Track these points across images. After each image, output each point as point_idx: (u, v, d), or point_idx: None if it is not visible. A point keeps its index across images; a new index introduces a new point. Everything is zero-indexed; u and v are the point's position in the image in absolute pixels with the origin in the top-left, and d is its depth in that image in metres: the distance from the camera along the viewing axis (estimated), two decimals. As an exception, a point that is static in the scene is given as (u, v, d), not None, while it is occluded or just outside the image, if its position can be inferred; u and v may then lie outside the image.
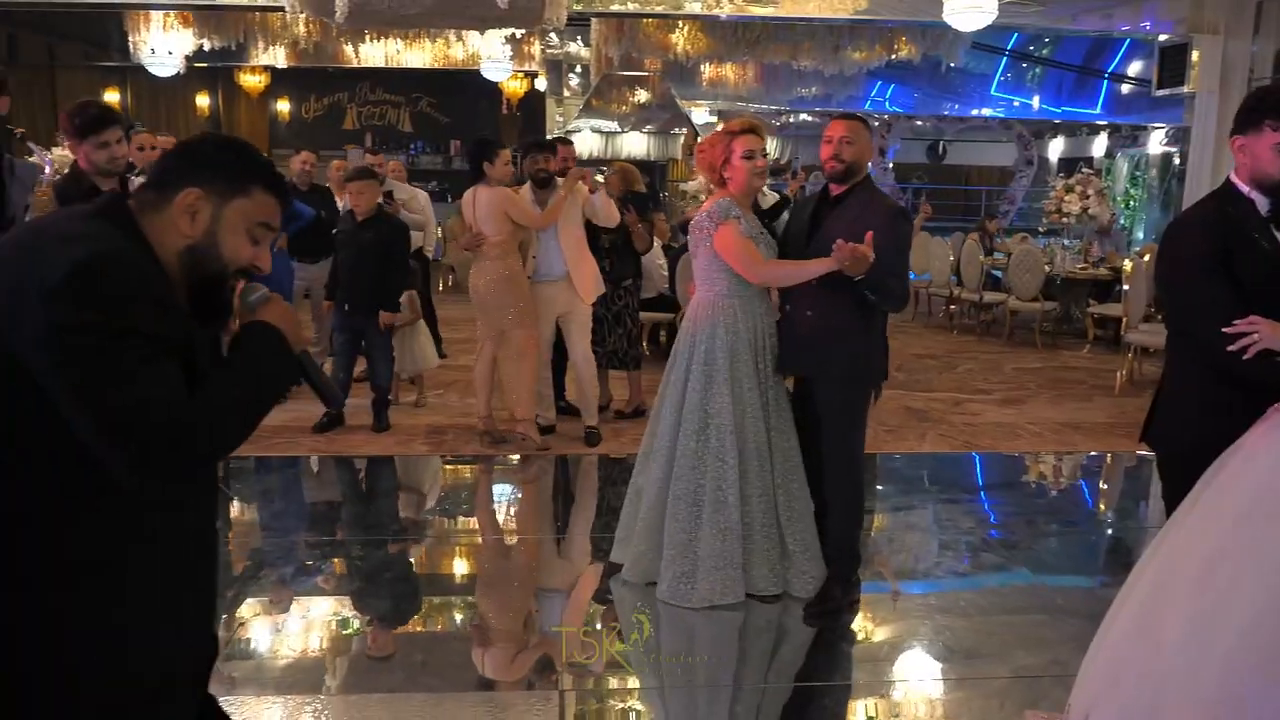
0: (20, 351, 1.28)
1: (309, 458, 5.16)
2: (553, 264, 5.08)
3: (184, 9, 10.96)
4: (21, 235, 1.47)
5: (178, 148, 1.54)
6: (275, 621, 3.37)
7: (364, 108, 16.94)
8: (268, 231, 1.52)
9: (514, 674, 3.08)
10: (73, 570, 1.35)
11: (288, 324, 1.53)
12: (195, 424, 1.34)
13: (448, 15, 6.50)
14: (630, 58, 13.10)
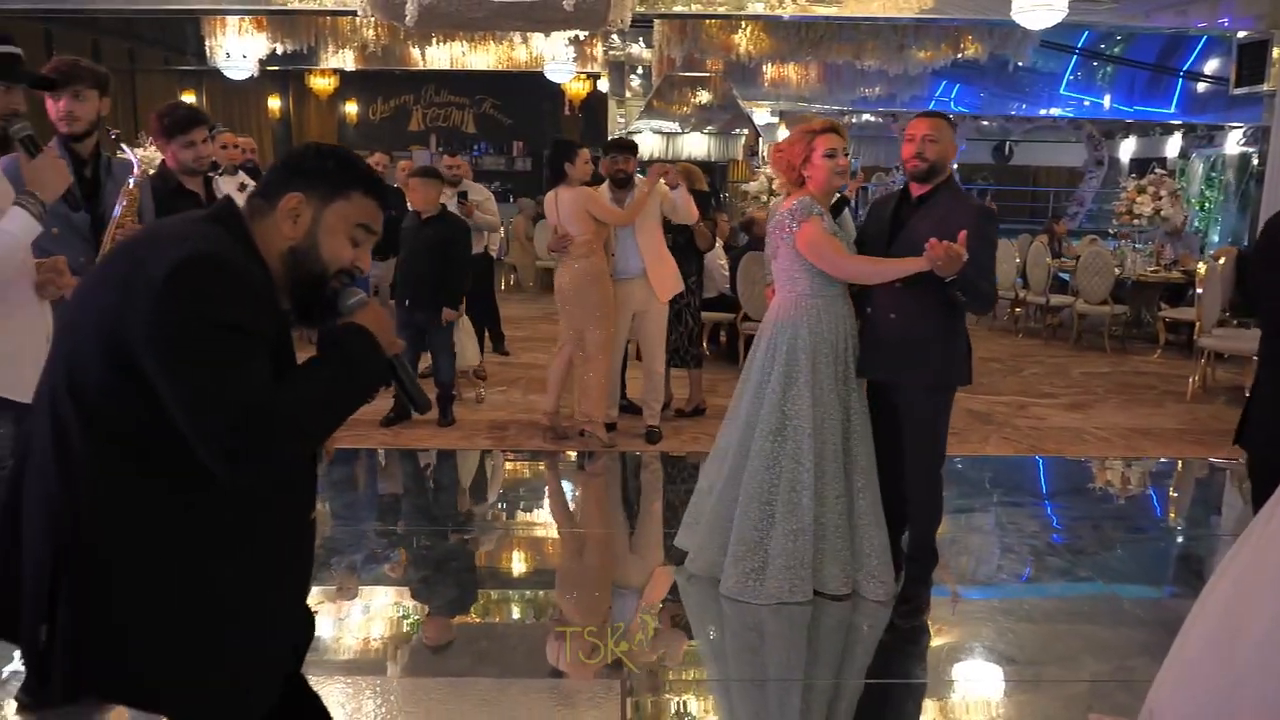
0: (131, 343, 1.37)
1: (377, 451, 5.29)
2: (630, 262, 5.15)
3: (258, 14, 11.28)
4: (141, 235, 1.59)
5: (283, 157, 1.62)
6: (343, 606, 3.47)
7: (429, 109, 17.23)
8: (368, 234, 1.59)
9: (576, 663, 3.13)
10: (185, 542, 1.44)
11: (382, 328, 1.58)
12: (281, 418, 1.41)
13: (514, 18, 6.58)
14: (692, 58, 13.14)
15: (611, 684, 2.89)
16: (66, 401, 1.43)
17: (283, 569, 1.59)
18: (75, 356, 1.43)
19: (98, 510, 1.42)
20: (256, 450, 1.40)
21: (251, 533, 1.50)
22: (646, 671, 3.03)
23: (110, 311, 1.40)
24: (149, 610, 1.43)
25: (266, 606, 1.55)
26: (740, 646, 3.23)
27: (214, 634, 1.47)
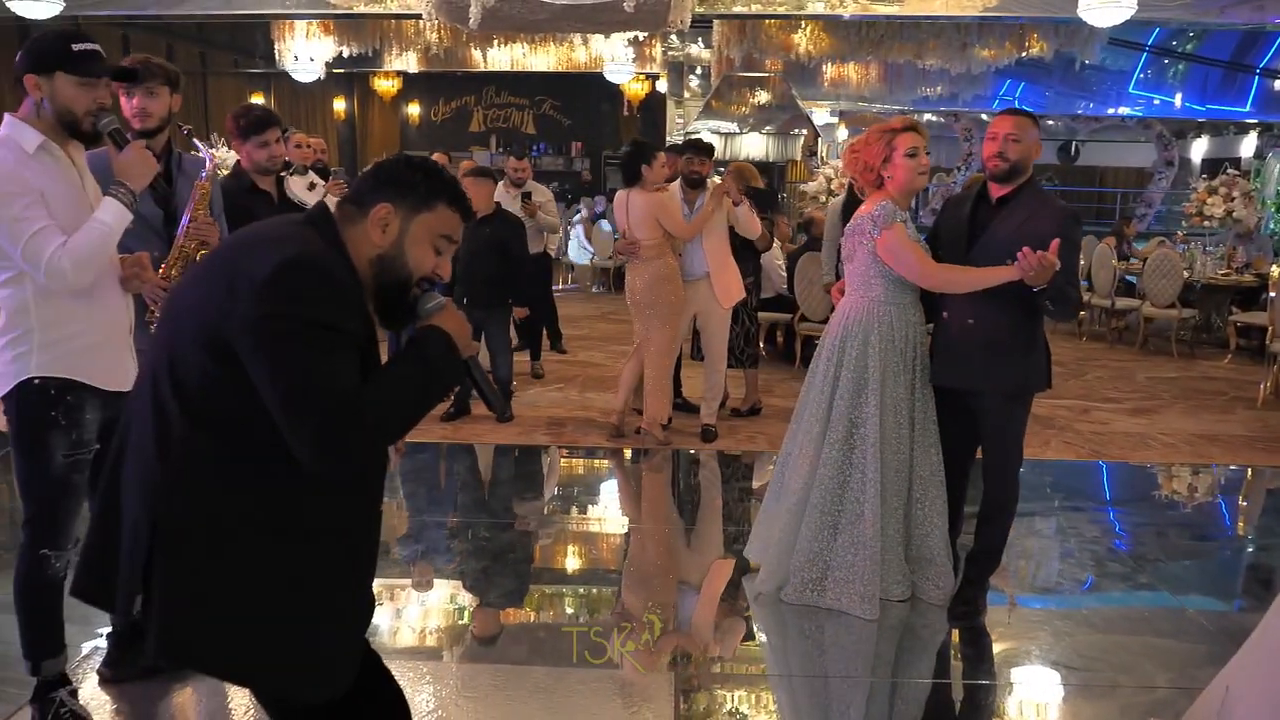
0: (231, 336, 1.47)
1: (438, 445, 5.39)
2: (695, 264, 5.20)
3: (325, 18, 11.53)
4: (241, 236, 1.68)
5: (374, 168, 1.71)
6: (404, 594, 3.56)
7: (489, 110, 17.44)
8: (450, 243, 1.68)
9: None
10: (267, 522, 1.54)
11: (459, 331, 1.67)
12: (362, 412, 1.50)
13: (575, 19, 6.66)
14: (751, 59, 13.10)
15: (665, 678, 2.94)
16: (167, 387, 1.53)
17: (355, 554, 1.67)
18: (176, 346, 1.54)
19: (190, 489, 1.52)
20: (340, 442, 1.49)
21: (328, 519, 1.59)
22: (701, 667, 3.07)
23: (212, 306, 1.50)
24: (233, 585, 1.52)
25: (342, 588, 1.63)
26: (798, 646, 3.23)
27: (294, 611, 1.56)
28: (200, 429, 1.51)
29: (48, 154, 2.33)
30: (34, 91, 2.31)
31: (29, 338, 2.33)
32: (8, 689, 2.74)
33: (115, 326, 2.46)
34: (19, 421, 2.36)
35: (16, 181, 2.26)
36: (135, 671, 2.80)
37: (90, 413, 2.40)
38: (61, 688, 2.49)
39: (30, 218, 2.25)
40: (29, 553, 2.42)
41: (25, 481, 2.42)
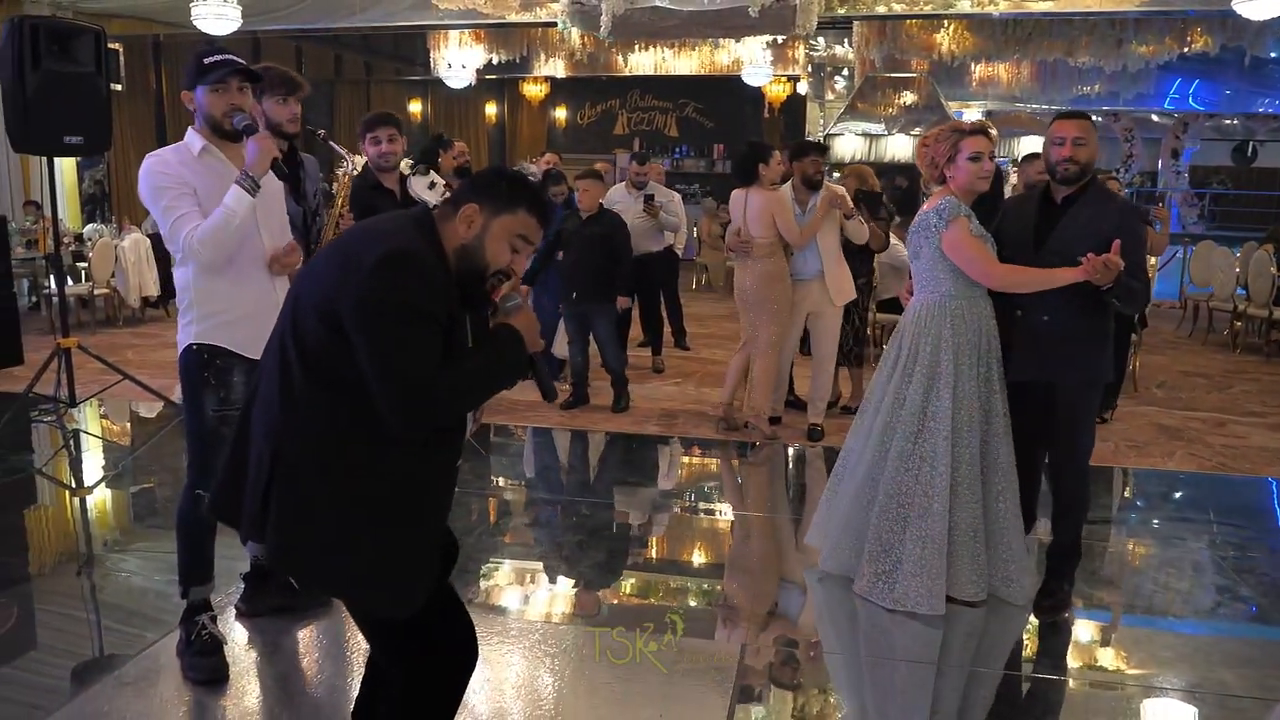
0: (340, 311, 1.79)
1: (553, 430, 5.71)
2: (808, 264, 5.31)
3: (477, 28, 12.16)
4: (357, 227, 2.03)
5: (472, 176, 2.05)
6: (507, 562, 3.85)
7: (633, 114, 17.82)
8: (525, 243, 1.96)
9: (704, 629, 3.36)
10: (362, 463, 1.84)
11: (529, 329, 1.97)
12: (440, 388, 1.80)
13: (702, 25, 6.88)
14: (894, 59, 12.94)
15: (732, 649, 3.11)
16: (291, 347, 1.85)
17: (433, 496, 1.96)
18: (300, 315, 1.85)
19: (303, 430, 1.84)
20: (419, 409, 1.79)
21: (411, 465, 1.88)
22: (764, 645, 3.23)
23: (329, 284, 1.81)
24: (332, 511, 1.83)
25: (418, 523, 1.92)
26: (869, 640, 3.29)
27: (378, 538, 1.85)
28: (313, 381, 1.82)
29: (211, 155, 2.74)
30: (189, 105, 2.74)
31: (192, 310, 2.76)
32: (165, 616, 3.18)
33: (261, 303, 2.80)
34: (184, 380, 2.80)
35: (172, 176, 2.67)
36: (265, 608, 3.20)
37: (237, 376, 2.78)
38: (204, 613, 2.89)
39: (177, 206, 2.66)
40: (188, 491, 2.84)
41: (188, 431, 2.86)
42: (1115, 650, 3.29)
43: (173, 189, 2.66)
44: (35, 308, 9.53)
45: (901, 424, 3.34)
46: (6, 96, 5.31)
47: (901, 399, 3.35)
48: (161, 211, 2.67)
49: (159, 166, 2.69)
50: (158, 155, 2.73)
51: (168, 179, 2.67)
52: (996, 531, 3.37)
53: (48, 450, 5.60)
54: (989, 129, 3.32)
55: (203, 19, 8.28)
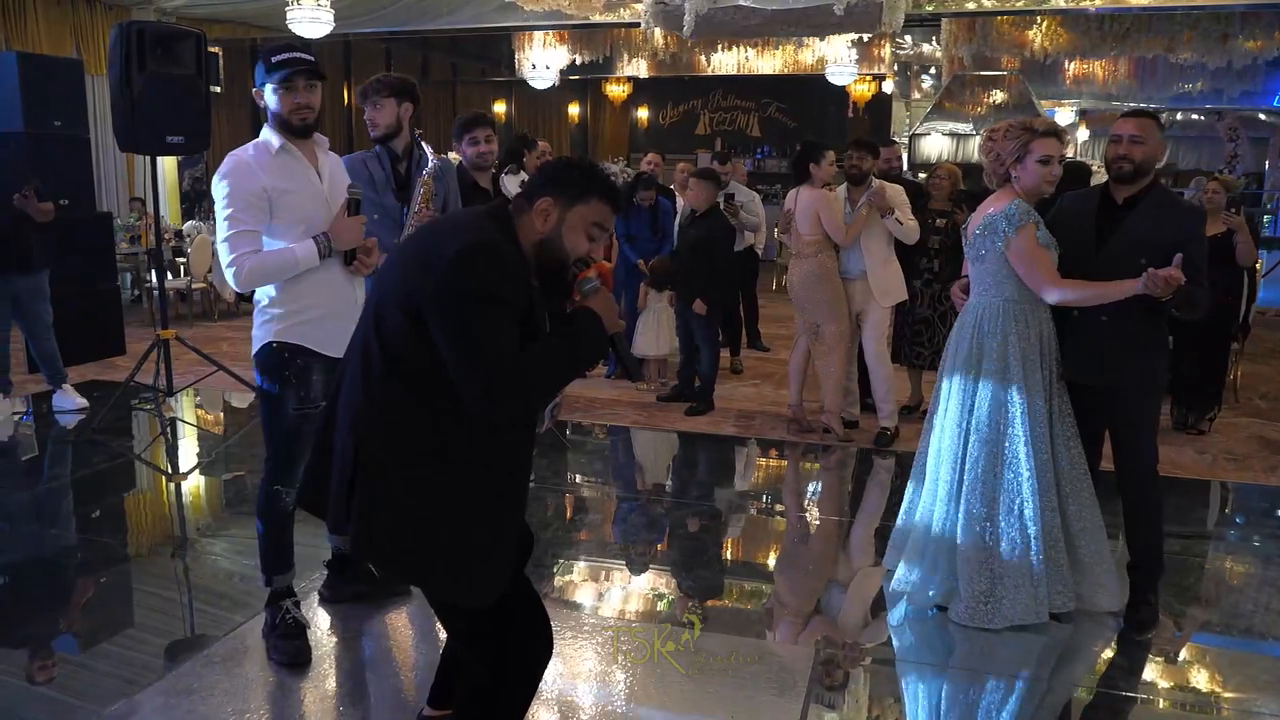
0: (421, 303, 1.82)
1: (630, 429, 5.73)
2: (853, 262, 5.24)
3: (561, 29, 12.29)
4: (435, 224, 2.10)
5: (542, 167, 2.06)
6: (581, 558, 3.88)
7: (715, 113, 17.79)
8: (601, 231, 1.98)
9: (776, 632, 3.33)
10: (442, 451, 1.88)
11: (607, 311, 1.99)
12: (521, 373, 1.82)
13: (786, 24, 6.81)
14: (984, 57, 12.64)
15: (805, 653, 3.07)
16: (374, 342, 1.90)
17: (509, 485, 1.99)
18: (382, 308, 1.90)
19: (384, 420, 1.88)
20: (499, 395, 1.81)
21: (488, 453, 1.91)
22: (841, 650, 3.18)
23: (410, 279, 1.85)
24: (412, 500, 1.87)
25: (496, 512, 1.94)
26: (944, 650, 3.20)
27: (457, 526, 1.88)
28: (395, 375, 1.87)
29: (287, 153, 2.78)
30: (260, 102, 2.79)
31: (273, 308, 2.81)
32: (251, 600, 3.29)
33: (341, 303, 2.87)
34: (262, 377, 2.85)
35: (242, 184, 2.68)
36: (346, 595, 3.29)
37: (317, 375, 2.83)
38: (288, 598, 2.97)
39: (240, 219, 2.67)
40: (266, 486, 2.92)
41: (266, 427, 2.92)
42: (1210, 671, 3.15)
43: (242, 197, 2.67)
44: (137, 300, 9.95)
45: (975, 433, 3.22)
46: (114, 98, 5.56)
47: (969, 404, 3.24)
48: (225, 217, 2.68)
49: (238, 171, 2.69)
50: (238, 156, 2.74)
51: (242, 187, 2.68)
52: (1075, 535, 3.26)
53: (146, 437, 5.85)
54: (1063, 132, 3.20)
55: (297, 22, 8.54)
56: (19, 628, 3.35)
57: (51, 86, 6.85)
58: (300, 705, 2.77)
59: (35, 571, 3.83)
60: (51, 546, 4.08)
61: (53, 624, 3.38)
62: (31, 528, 4.29)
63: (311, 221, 2.78)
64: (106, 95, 8.31)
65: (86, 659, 3.09)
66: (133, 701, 2.72)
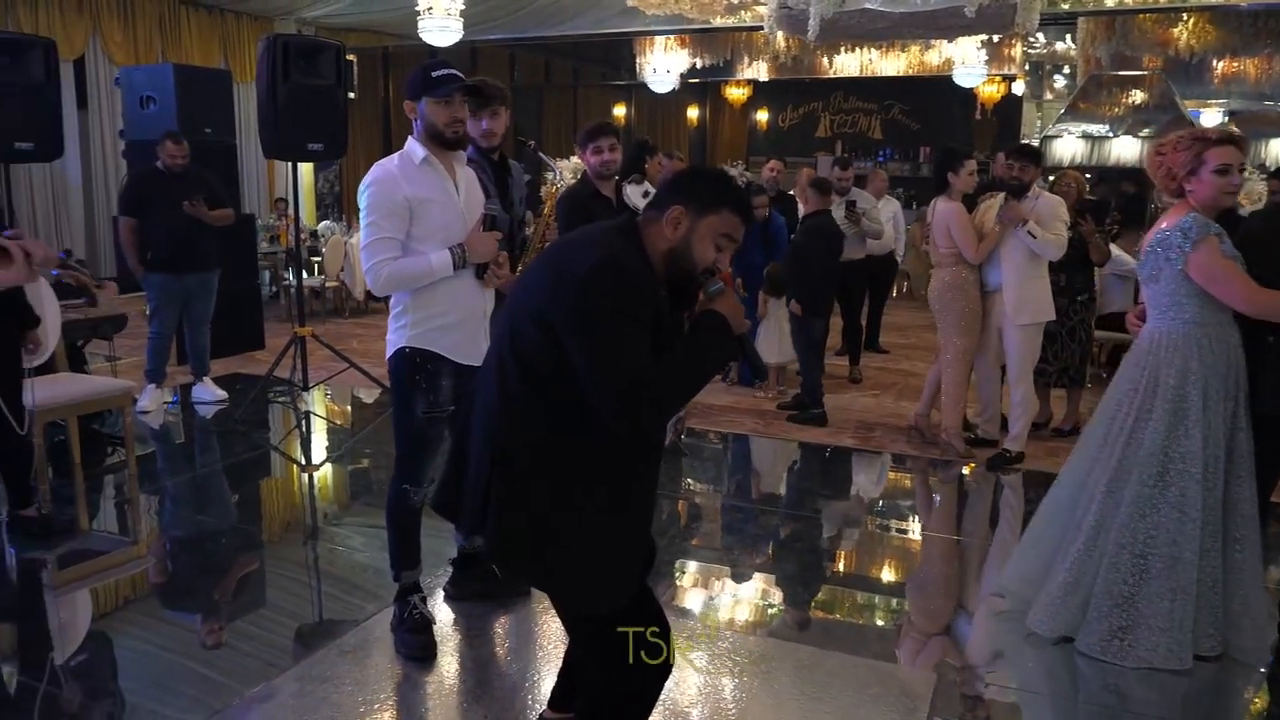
0: (555, 317, 1.87)
1: (750, 437, 5.71)
2: (990, 275, 5.05)
3: (683, 33, 12.33)
4: (567, 238, 2.12)
5: (673, 177, 2.08)
6: (696, 566, 3.88)
7: (836, 116, 17.52)
8: (730, 242, 1.99)
9: (896, 653, 3.26)
10: (573, 462, 1.92)
11: (733, 312, 1.98)
12: (654, 384, 1.84)
13: (915, 27, 6.65)
14: (1122, 56, 12.09)
15: (927, 677, 3.00)
16: (509, 355, 1.96)
17: (640, 494, 2.02)
18: (517, 322, 1.96)
19: (520, 431, 1.93)
20: (634, 407, 1.84)
21: (621, 463, 1.94)
22: (966, 678, 3.09)
23: (544, 293, 1.90)
24: (547, 508, 1.91)
25: (629, 521, 1.98)
26: (1071, 686, 3.06)
27: (590, 534, 1.92)
28: (530, 386, 1.91)
29: (430, 165, 2.88)
30: (410, 114, 2.88)
31: (406, 315, 2.91)
32: (380, 591, 3.43)
33: (472, 312, 2.97)
34: (394, 380, 2.96)
35: (386, 194, 2.79)
36: (470, 593, 3.38)
37: (445, 380, 2.93)
38: (415, 594, 3.08)
39: (382, 225, 2.79)
40: (395, 485, 3.03)
41: (397, 429, 3.03)
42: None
43: (382, 206, 2.79)
44: (274, 297, 10.46)
45: (1139, 466, 3.01)
46: (260, 107, 5.87)
47: (1138, 438, 3.02)
48: (368, 225, 2.80)
49: (384, 181, 2.80)
50: (384, 167, 2.84)
51: (386, 197, 2.79)
52: (1234, 581, 3.05)
53: (282, 429, 6.14)
54: (1241, 138, 2.99)
55: (428, 31, 8.81)
56: (171, 605, 3.58)
57: (203, 95, 7.27)
58: (425, 699, 2.87)
59: (187, 553, 4.08)
60: (202, 531, 4.33)
61: (200, 604, 3.59)
62: (185, 512, 4.57)
63: (448, 232, 2.87)
64: (251, 102, 8.79)
65: (230, 638, 3.28)
66: (271, 685, 2.87)
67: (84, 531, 4.18)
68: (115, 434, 5.22)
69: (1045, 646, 3.18)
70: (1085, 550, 3.11)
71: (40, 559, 3.87)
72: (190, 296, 5.99)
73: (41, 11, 9.38)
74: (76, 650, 3.23)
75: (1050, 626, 3.18)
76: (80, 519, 4.27)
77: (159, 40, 10.50)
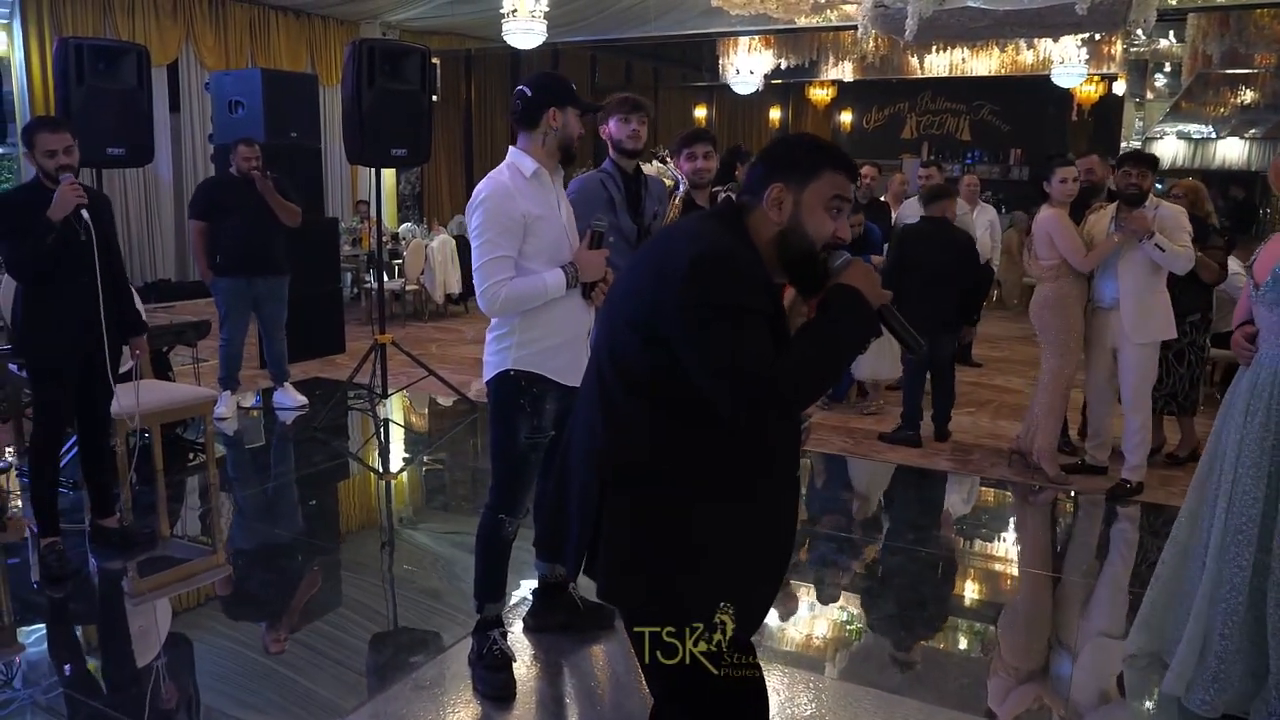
0: (660, 320, 1.68)
1: (847, 459, 5.45)
2: (1105, 290, 4.68)
3: (767, 33, 12.07)
4: (663, 234, 1.94)
5: (760, 156, 1.85)
6: (791, 600, 3.66)
7: (923, 117, 17.07)
8: (843, 202, 1.75)
9: (1007, 706, 3.01)
10: (692, 476, 1.71)
11: (867, 282, 1.73)
12: (779, 378, 1.62)
13: (1020, 25, 6.33)
14: (1235, 53, 11.44)
15: (1049, 738, 2.74)
16: (608, 367, 1.77)
17: (775, 514, 1.80)
18: (615, 329, 1.78)
19: (629, 451, 1.73)
20: (764, 405, 1.63)
21: (750, 478, 1.74)
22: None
23: (644, 294, 1.71)
24: (666, 538, 1.71)
25: (770, 542, 1.78)
26: None
27: (716, 567, 1.71)
28: (636, 398, 1.72)
29: (538, 180, 2.74)
30: (551, 122, 2.72)
31: (511, 336, 2.76)
32: (460, 615, 3.29)
33: (578, 330, 2.82)
34: (496, 403, 2.81)
35: (503, 210, 2.65)
36: (553, 624, 3.22)
37: (550, 403, 2.79)
38: (495, 628, 2.93)
39: (499, 243, 2.65)
40: (490, 513, 2.88)
41: (495, 454, 2.87)
42: None
43: (499, 222, 2.65)
44: (356, 299, 10.53)
45: (1267, 503, 2.69)
46: (346, 112, 5.82)
47: (1263, 474, 2.71)
48: (482, 243, 2.67)
49: (497, 195, 2.67)
50: (497, 181, 2.71)
51: (503, 214, 2.65)
52: None
53: (359, 438, 6.10)
54: None
55: (512, 33, 8.74)
56: (243, 622, 3.50)
57: (289, 99, 7.29)
58: (503, 741, 2.72)
59: (260, 567, 4.02)
60: (275, 544, 4.27)
61: (273, 624, 3.50)
62: (258, 524, 4.53)
63: (556, 249, 2.75)
64: (336, 105, 8.83)
65: (302, 661, 3.15)
66: (345, 720, 2.75)
67: (164, 539, 4.15)
68: (197, 441, 5.22)
69: (1170, 707, 2.87)
70: (1233, 612, 2.73)
71: (118, 569, 3.84)
72: (259, 302, 5.98)
73: (138, 18, 9.59)
74: (145, 662, 3.16)
75: (1208, 703, 2.77)
76: (161, 526, 4.24)
77: (249, 45, 10.66)
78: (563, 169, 2.84)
